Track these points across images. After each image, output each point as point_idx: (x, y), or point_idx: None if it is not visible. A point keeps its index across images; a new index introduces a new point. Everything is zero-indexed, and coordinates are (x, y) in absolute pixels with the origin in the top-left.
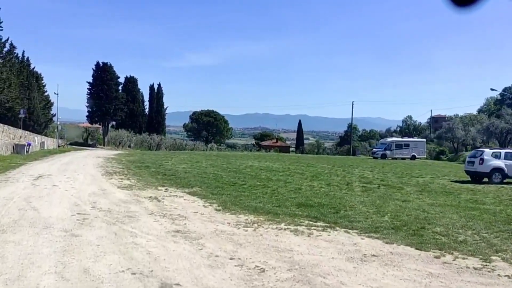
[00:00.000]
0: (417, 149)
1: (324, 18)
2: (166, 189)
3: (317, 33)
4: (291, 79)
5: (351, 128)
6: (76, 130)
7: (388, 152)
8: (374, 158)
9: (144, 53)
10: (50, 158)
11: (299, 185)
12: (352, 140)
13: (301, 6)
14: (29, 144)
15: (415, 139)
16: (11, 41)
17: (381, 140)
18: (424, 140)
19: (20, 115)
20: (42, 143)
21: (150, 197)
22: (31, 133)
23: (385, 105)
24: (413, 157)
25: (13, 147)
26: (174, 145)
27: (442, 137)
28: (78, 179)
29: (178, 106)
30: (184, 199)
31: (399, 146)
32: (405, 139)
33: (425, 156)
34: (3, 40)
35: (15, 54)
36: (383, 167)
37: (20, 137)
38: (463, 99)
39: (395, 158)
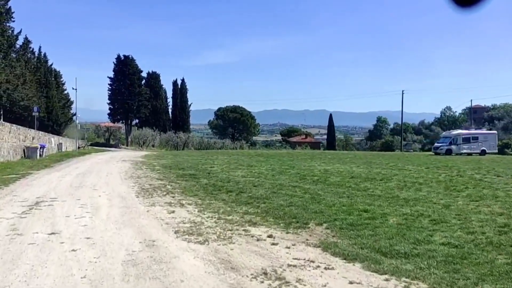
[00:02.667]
0: (487, 142)
1: (341, 13)
2: (270, 235)
3: (334, 28)
4: (307, 75)
5: (401, 121)
6: (97, 130)
7: (453, 147)
8: (436, 154)
9: (160, 52)
10: (65, 164)
11: (487, 217)
12: (402, 135)
13: (314, 3)
14: (42, 147)
15: (485, 131)
16: (26, 35)
17: (443, 133)
18: (495, 132)
19: (33, 113)
20: (60, 145)
21: (265, 273)
22: (46, 133)
23: (404, 98)
24: (483, 152)
25: (24, 150)
26: (201, 144)
27: (509, 128)
28: (100, 208)
29: (196, 104)
30: (349, 281)
31: (466, 139)
32: (473, 131)
33: (496, 151)
34: (15, 33)
35: (31, 49)
36: (492, 167)
37: (33, 138)
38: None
39: (460, 154)
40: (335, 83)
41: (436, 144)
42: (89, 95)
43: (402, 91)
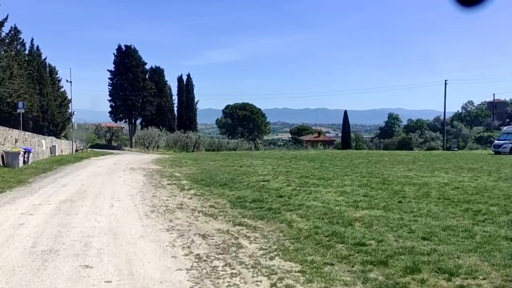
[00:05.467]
0: None
1: (341, 12)
2: None
3: (335, 26)
4: (308, 74)
5: (444, 115)
6: (97, 130)
7: None
8: (497, 153)
9: (162, 52)
10: (51, 176)
11: None
12: (445, 131)
13: (317, 1)
14: (27, 151)
15: None
16: (15, 25)
17: (504, 129)
18: None
19: (18, 110)
20: (53, 148)
21: None
22: (35, 134)
23: (403, 96)
24: None
25: (2, 156)
26: (212, 144)
27: None
28: None
29: (199, 103)
30: None
31: None
32: None
33: None
34: (0, 20)
35: (21, 40)
36: None
37: (16, 140)
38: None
39: None
40: (335, 81)
41: (496, 141)
42: (93, 96)
43: (445, 81)
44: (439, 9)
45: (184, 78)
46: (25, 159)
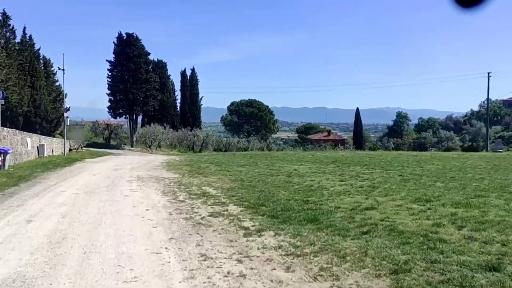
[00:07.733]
0: None
1: (341, 13)
2: None
3: (334, 27)
4: (306, 73)
5: (488, 111)
6: (95, 127)
7: None
8: None
9: (160, 52)
10: (20, 195)
11: None
12: (488, 131)
13: (316, 1)
14: (3, 152)
15: None
16: (4, 10)
17: None
18: None
19: None
20: (41, 147)
21: None
22: (18, 131)
23: (402, 95)
24: None
25: None
26: (219, 143)
27: None
28: None
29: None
30: None
31: None
32: None
33: None
34: None
35: (10, 27)
36: None
37: None
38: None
39: None
40: (334, 80)
41: None
42: (93, 95)
43: (488, 73)
44: (437, 8)
45: (188, 73)
46: (0, 163)
